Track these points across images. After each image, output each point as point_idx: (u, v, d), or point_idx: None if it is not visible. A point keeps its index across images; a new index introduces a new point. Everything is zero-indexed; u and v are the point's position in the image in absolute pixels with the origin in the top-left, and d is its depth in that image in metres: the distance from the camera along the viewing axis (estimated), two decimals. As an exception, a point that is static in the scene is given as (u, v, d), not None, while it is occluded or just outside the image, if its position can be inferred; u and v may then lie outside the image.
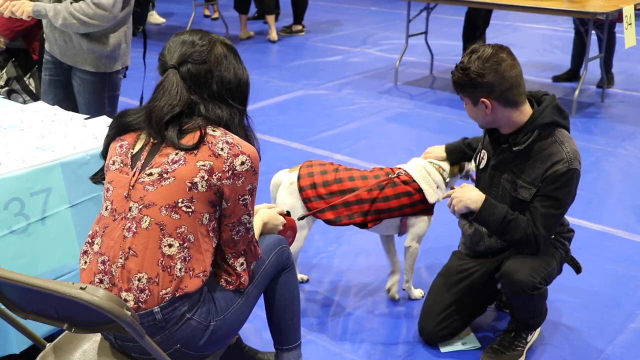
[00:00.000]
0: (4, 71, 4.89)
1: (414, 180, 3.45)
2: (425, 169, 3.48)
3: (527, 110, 3.00)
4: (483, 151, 3.24)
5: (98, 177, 2.53)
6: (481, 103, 2.95)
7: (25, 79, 4.96)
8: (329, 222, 3.43)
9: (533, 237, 2.98)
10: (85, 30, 3.76)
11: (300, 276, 3.78)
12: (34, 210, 2.76)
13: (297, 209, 3.40)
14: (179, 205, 2.22)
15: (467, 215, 3.11)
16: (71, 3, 3.69)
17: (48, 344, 2.41)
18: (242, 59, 2.46)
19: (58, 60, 4.01)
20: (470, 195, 3.06)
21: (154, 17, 11.04)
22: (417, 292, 3.71)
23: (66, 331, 2.27)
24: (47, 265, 2.84)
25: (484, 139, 3.27)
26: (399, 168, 3.52)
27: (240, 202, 2.30)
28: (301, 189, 3.41)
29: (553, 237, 3.13)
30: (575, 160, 2.93)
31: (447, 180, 3.52)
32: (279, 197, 3.47)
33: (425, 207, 3.49)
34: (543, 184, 2.96)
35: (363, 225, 3.46)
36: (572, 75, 7.74)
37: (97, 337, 2.44)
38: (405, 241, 3.58)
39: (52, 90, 4.10)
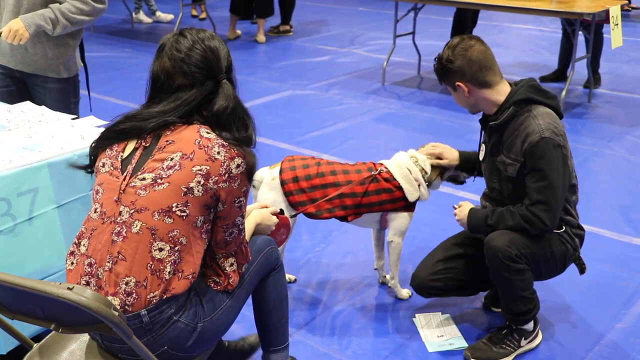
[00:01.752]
0: None
1: (395, 178, 3.47)
2: (407, 167, 3.50)
3: (504, 90, 3.14)
4: (483, 145, 3.34)
5: (82, 168, 2.49)
6: (458, 87, 3.14)
7: None
8: (309, 215, 3.46)
9: (530, 213, 3.02)
10: (79, 28, 3.72)
11: (287, 276, 3.78)
12: (21, 210, 2.75)
13: (279, 203, 3.40)
14: (174, 209, 2.20)
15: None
16: (60, 4, 3.61)
17: (35, 344, 2.40)
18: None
19: (7, 70, 3.85)
20: (465, 213, 3.23)
21: (163, 16, 11.19)
22: (404, 292, 3.72)
23: (53, 331, 2.26)
24: (34, 266, 2.83)
25: (481, 134, 3.36)
26: (381, 164, 3.53)
27: (236, 205, 2.30)
28: (283, 182, 3.42)
29: (563, 230, 3.15)
30: (547, 130, 3.00)
31: (427, 182, 3.54)
32: (261, 194, 3.47)
33: (405, 204, 3.51)
34: (526, 160, 3.05)
35: (344, 218, 3.49)
36: (559, 75, 7.77)
37: (84, 337, 2.43)
38: (388, 236, 3.61)
39: (6, 102, 3.76)
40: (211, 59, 2.32)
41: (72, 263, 2.31)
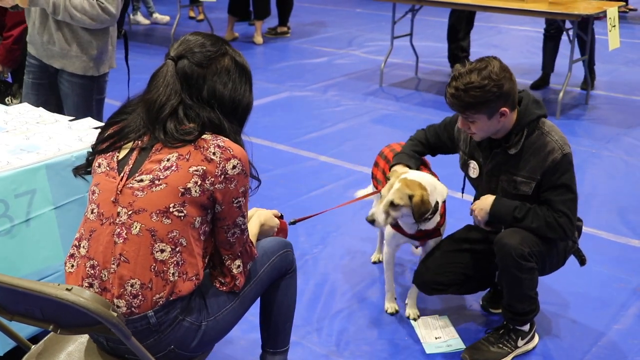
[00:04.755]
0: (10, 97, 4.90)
1: None
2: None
3: (516, 110, 3.09)
4: (471, 161, 3.29)
5: (82, 170, 2.48)
6: (498, 114, 3.00)
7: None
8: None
9: (555, 222, 3.03)
10: (80, 25, 3.76)
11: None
12: (19, 211, 2.75)
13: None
14: (171, 209, 2.20)
15: (491, 223, 3.23)
16: None
17: (33, 346, 2.40)
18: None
19: (43, 64, 3.97)
20: (486, 201, 3.17)
21: (160, 17, 11.25)
22: (388, 305, 3.65)
23: (51, 333, 2.26)
24: (31, 267, 2.82)
25: (468, 147, 3.30)
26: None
27: (234, 205, 2.29)
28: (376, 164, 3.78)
29: None
30: (565, 145, 3.05)
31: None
32: None
33: None
34: (546, 177, 3.05)
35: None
36: (546, 80, 7.69)
37: (82, 338, 2.43)
38: None
39: (35, 94, 4.05)
40: None
41: (73, 266, 2.29)
